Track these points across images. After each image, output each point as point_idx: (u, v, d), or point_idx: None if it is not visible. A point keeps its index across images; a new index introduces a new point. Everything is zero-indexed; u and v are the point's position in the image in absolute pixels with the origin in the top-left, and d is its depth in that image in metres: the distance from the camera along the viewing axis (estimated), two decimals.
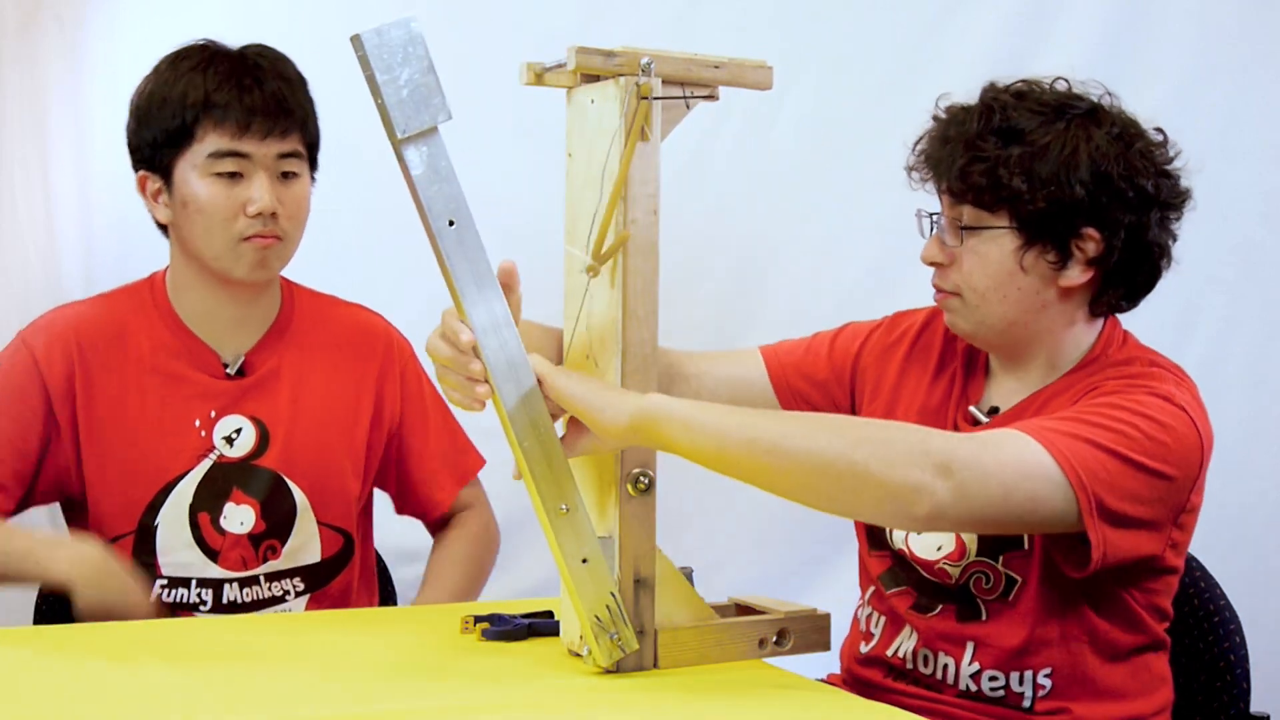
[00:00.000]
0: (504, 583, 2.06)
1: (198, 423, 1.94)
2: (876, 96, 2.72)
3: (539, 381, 1.51)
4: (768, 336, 2.77)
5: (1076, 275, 1.70)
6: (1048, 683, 1.71)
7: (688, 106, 1.60)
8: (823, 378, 1.94)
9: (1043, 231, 1.67)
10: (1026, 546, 1.70)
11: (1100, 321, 1.77)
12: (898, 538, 1.80)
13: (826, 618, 1.71)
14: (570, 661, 1.63)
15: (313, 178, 1.98)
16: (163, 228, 1.99)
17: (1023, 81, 1.77)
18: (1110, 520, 1.56)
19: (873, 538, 1.85)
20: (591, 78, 1.58)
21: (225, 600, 1.95)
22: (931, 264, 1.76)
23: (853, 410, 1.91)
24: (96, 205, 2.93)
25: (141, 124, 1.93)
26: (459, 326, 1.47)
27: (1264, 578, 2.54)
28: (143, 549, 1.94)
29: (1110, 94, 1.77)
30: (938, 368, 1.86)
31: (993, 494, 1.49)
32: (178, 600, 1.95)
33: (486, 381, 1.48)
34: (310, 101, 1.96)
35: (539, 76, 1.60)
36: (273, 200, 1.89)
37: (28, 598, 2.18)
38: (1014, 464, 1.51)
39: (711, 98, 1.62)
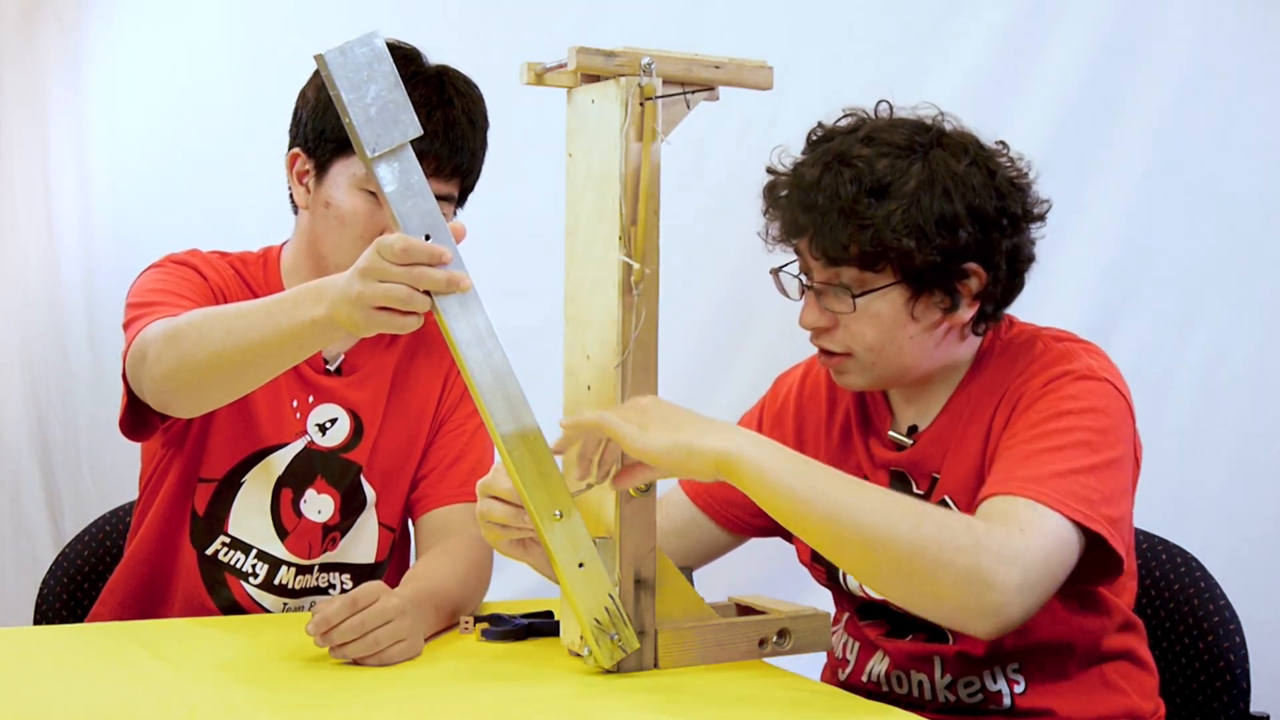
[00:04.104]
0: (504, 583, 2.05)
1: (294, 403, 1.95)
2: (877, 97, 2.72)
3: (619, 441, 1.50)
4: (767, 337, 2.78)
5: (965, 311, 1.70)
6: (1020, 677, 1.71)
7: (688, 106, 1.61)
8: None
9: (930, 280, 1.66)
10: None
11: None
12: (854, 584, 1.80)
13: (826, 617, 1.71)
14: (570, 661, 1.63)
15: (454, 213, 1.96)
16: (295, 203, 1.98)
17: (851, 116, 1.76)
18: (1120, 525, 1.59)
19: (835, 590, 1.86)
20: (592, 78, 1.58)
21: (277, 581, 1.95)
22: (813, 329, 1.73)
23: None
24: (96, 205, 2.94)
25: (317, 113, 1.90)
26: (509, 489, 1.56)
27: (1264, 578, 2.53)
28: (221, 501, 1.94)
29: (943, 112, 1.74)
30: (829, 407, 1.86)
31: (1043, 579, 1.51)
32: (233, 563, 1.95)
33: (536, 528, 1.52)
34: (484, 147, 1.93)
35: (539, 76, 1.60)
36: None
37: (28, 598, 2.18)
38: (1046, 541, 1.53)
39: (712, 97, 1.62)
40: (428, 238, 1.46)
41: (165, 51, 2.90)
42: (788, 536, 1.93)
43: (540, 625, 1.76)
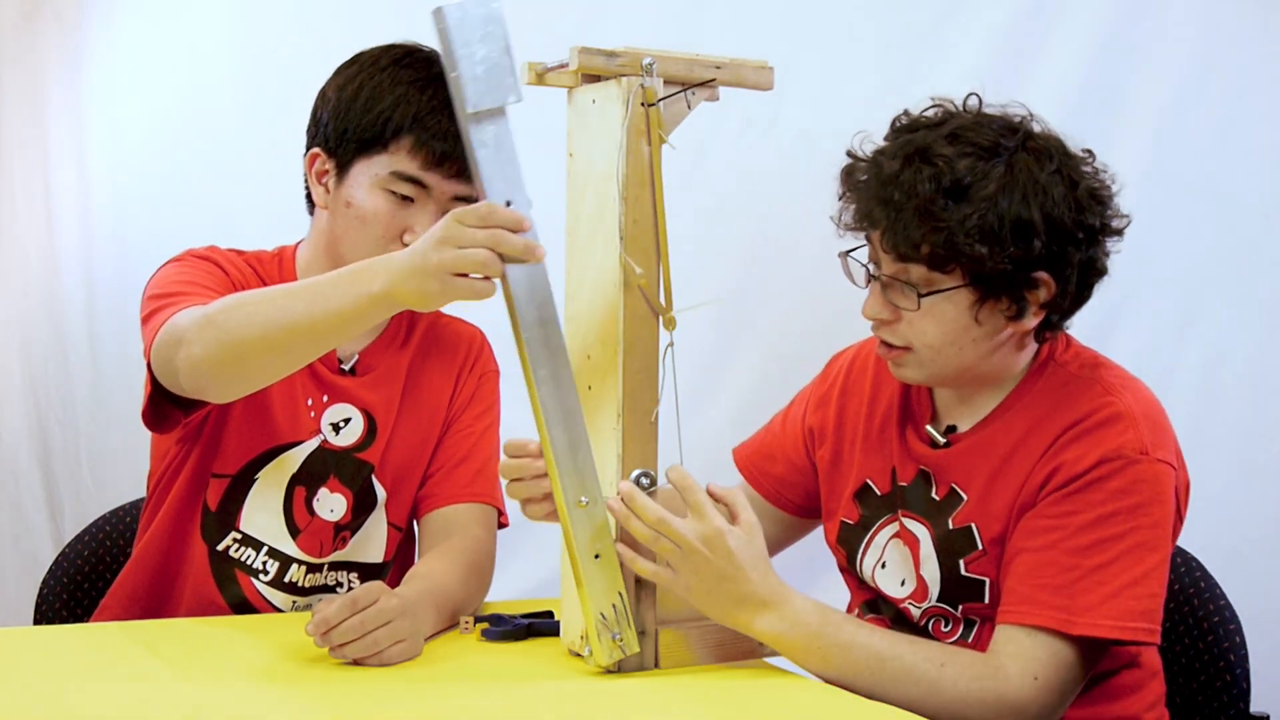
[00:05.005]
0: (504, 582, 2.05)
1: (309, 402, 1.95)
2: (877, 96, 2.71)
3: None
4: (767, 337, 2.78)
5: (1030, 320, 1.68)
6: None
7: (689, 106, 1.61)
8: (781, 451, 1.95)
9: (999, 287, 1.64)
10: (988, 600, 1.70)
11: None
12: (866, 574, 1.81)
13: None
14: (570, 661, 1.63)
15: None
16: (311, 203, 1.97)
17: (937, 106, 1.73)
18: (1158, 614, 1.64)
19: (850, 579, 1.87)
20: (593, 78, 1.58)
21: (287, 579, 1.95)
22: (875, 320, 1.72)
23: (814, 470, 1.92)
24: (96, 205, 2.94)
25: (339, 113, 1.89)
26: (525, 441, 1.63)
27: (1264, 578, 2.53)
28: (233, 497, 1.94)
29: (1030, 113, 1.72)
30: (873, 393, 1.85)
31: (1059, 708, 1.61)
32: (243, 560, 1.94)
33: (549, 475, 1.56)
34: None
35: (540, 76, 1.60)
36: None
37: (28, 598, 2.18)
38: (1063, 676, 1.60)
39: (712, 97, 1.63)
40: (509, 203, 1.48)
41: (165, 52, 2.90)
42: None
43: (540, 625, 1.76)
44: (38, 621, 2.11)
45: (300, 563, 1.95)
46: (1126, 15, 2.67)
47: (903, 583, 1.76)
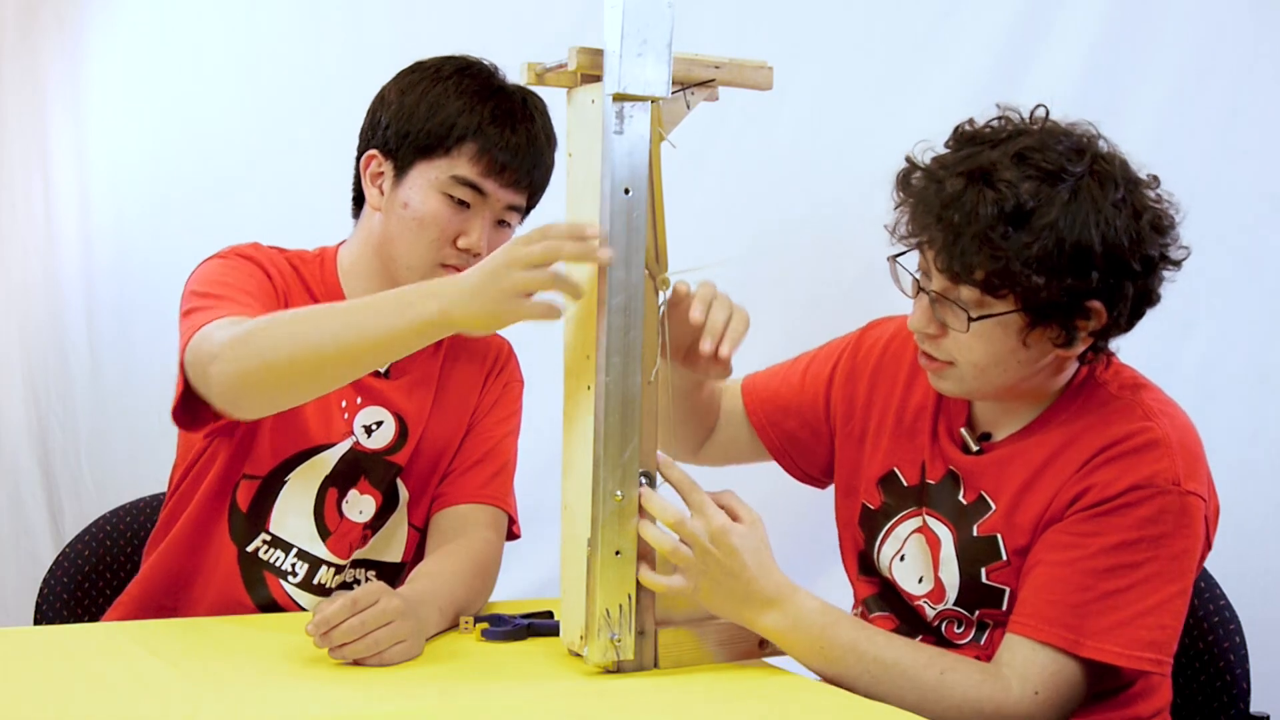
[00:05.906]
0: (504, 582, 2.06)
1: (343, 404, 1.95)
2: (877, 96, 2.73)
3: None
4: (766, 335, 2.77)
5: (1078, 347, 1.66)
6: None
7: (688, 106, 1.61)
8: (796, 407, 1.94)
9: (1050, 314, 1.61)
10: (1005, 608, 1.70)
11: None
12: (883, 564, 1.81)
13: None
14: (570, 661, 1.63)
15: (520, 222, 1.98)
16: (357, 205, 1.98)
17: (1002, 116, 1.68)
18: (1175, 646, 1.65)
19: (863, 564, 1.86)
20: (592, 78, 1.58)
21: (316, 581, 1.95)
22: (920, 333, 1.70)
23: (830, 438, 1.91)
24: (96, 205, 2.94)
25: (400, 116, 1.90)
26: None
27: (1264, 578, 2.53)
28: (264, 498, 1.94)
29: (1098, 132, 1.68)
30: (908, 380, 1.84)
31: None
32: (272, 562, 1.94)
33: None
34: (554, 163, 1.96)
35: (540, 76, 1.60)
36: (484, 245, 1.89)
37: (28, 597, 2.18)
38: (1063, 695, 1.61)
39: (711, 97, 1.63)
40: (628, 191, 1.52)
41: (167, 55, 2.90)
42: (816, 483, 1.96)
43: (540, 625, 1.76)
44: (37, 622, 2.11)
45: (329, 564, 1.96)
46: (1126, 15, 2.67)
47: (920, 580, 1.76)
